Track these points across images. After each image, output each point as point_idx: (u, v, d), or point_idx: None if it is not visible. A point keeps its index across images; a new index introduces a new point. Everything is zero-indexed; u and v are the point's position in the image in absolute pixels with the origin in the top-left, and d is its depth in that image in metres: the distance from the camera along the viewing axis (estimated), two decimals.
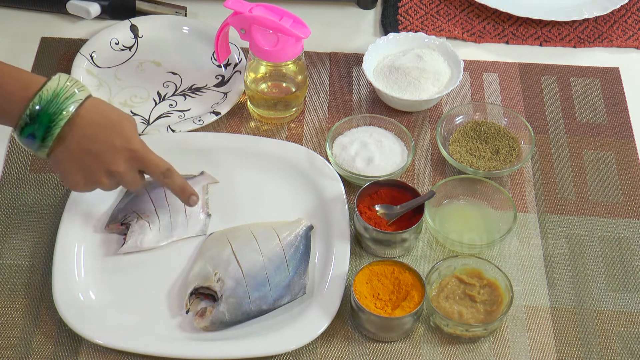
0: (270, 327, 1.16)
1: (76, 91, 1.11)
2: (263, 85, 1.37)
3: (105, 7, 1.49)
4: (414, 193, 1.25)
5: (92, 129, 1.12)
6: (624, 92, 1.45)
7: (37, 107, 1.09)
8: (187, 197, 1.20)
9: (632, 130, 1.41)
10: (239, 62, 1.44)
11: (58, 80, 1.11)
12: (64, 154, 1.12)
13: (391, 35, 1.45)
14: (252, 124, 1.39)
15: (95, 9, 1.48)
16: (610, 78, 1.47)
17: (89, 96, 1.13)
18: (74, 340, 1.16)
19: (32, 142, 1.11)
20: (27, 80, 1.11)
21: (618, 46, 1.52)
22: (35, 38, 1.48)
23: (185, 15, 1.50)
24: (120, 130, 1.14)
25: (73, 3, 1.49)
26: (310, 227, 1.24)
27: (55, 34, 1.49)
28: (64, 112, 1.10)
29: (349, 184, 1.30)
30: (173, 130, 1.35)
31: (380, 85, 1.39)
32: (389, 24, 1.53)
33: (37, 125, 1.09)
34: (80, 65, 1.42)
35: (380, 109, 1.41)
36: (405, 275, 1.17)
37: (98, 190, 1.27)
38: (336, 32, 1.53)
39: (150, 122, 1.37)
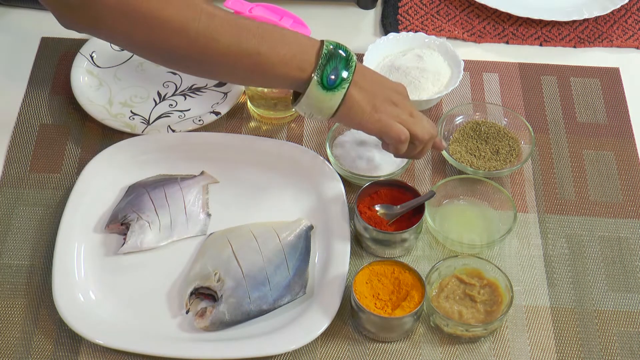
0: (270, 327, 1.16)
1: (348, 48, 1.19)
2: None
3: None
4: (414, 193, 1.25)
5: (371, 74, 1.20)
6: (624, 92, 1.45)
7: (331, 46, 1.16)
8: (440, 139, 1.27)
9: (632, 130, 1.41)
10: None
11: (333, 41, 1.18)
12: (357, 91, 1.17)
13: (391, 35, 1.45)
14: (252, 124, 1.39)
15: None
16: (610, 78, 1.47)
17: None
18: (74, 340, 1.16)
19: (335, 80, 1.15)
20: (308, 38, 1.18)
21: (618, 46, 1.52)
22: (35, 38, 1.48)
23: None
24: (386, 77, 1.23)
25: None
26: (310, 227, 1.24)
27: (55, 33, 1.49)
28: (351, 53, 1.18)
29: (349, 184, 1.30)
30: (173, 130, 1.35)
31: None
32: (389, 24, 1.53)
33: (338, 59, 1.15)
34: (80, 65, 1.42)
35: None
36: (406, 275, 1.17)
37: (98, 190, 1.27)
38: (336, 32, 1.52)
39: (151, 122, 1.37)
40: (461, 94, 1.44)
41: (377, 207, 1.24)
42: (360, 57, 1.42)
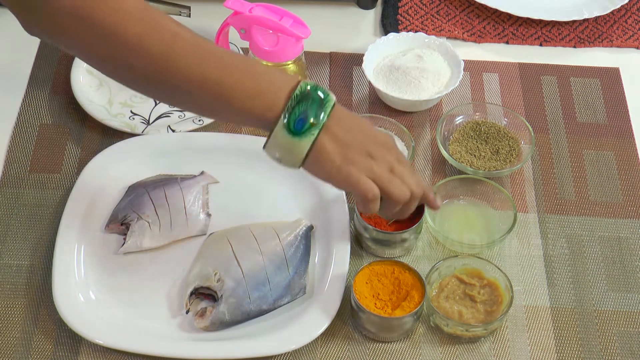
0: (270, 327, 1.16)
1: (327, 90, 1.08)
2: None
3: None
4: None
5: (350, 120, 1.08)
6: (624, 92, 1.45)
7: (307, 87, 1.05)
8: (434, 198, 1.15)
9: (632, 130, 1.41)
10: None
11: (307, 80, 1.09)
12: (328, 139, 1.05)
13: (391, 35, 1.45)
14: None
15: None
16: (610, 78, 1.47)
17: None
18: (74, 340, 1.16)
19: (302, 124, 1.04)
20: (282, 75, 1.09)
21: (618, 46, 1.52)
22: (35, 38, 1.48)
23: (189, 16, 1.50)
24: (370, 124, 1.11)
25: None
26: (310, 227, 1.24)
27: None
28: (330, 96, 1.07)
29: None
30: (173, 130, 1.35)
31: (380, 85, 1.40)
32: (389, 24, 1.53)
33: (309, 102, 1.04)
34: (81, 65, 1.42)
35: (380, 109, 1.41)
36: (406, 275, 1.17)
37: (98, 190, 1.27)
38: (336, 32, 1.53)
39: (150, 122, 1.37)
40: (461, 94, 1.44)
41: None
42: (360, 57, 1.42)
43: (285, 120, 1.04)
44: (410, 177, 1.10)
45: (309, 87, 1.05)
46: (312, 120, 1.04)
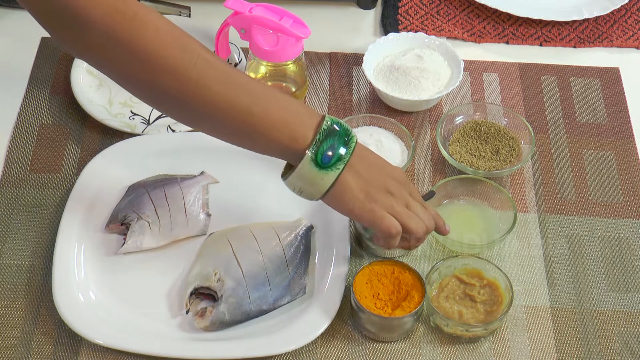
0: (270, 327, 1.16)
1: (349, 127, 1.12)
2: None
3: None
4: None
5: (370, 158, 1.14)
6: (624, 92, 1.45)
7: (333, 124, 1.09)
8: (443, 224, 1.19)
9: (632, 130, 1.41)
10: (239, 62, 1.44)
11: (334, 117, 1.12)
12: (352, 175, 1.10)
13: (391, 35, 1.45)
14: None
15: None
16: (610, 78, 1.47)
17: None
18: (74, 340, 1.16)
19: (329, 158, 1.08)
20: (308, 109, 1.12)
21: (618, 46, 1.52)
22: (35, 38, 1.48)
23: (189, 16, 1.50)
24: (386, 161, 1.16)
25: None
26: (310, 227, 1.24)
27: None
28: (353, 133, 1.11)
29: None
30: (173, 130, 1.35)
31: (380, 85, 1.40)
32: (389, 24, 1.53)
33: (337, 137, 1.09)
34: (81, 65, 1.42)
35: (380, 109, 1.41)
36: (406, 275, 1.17)
37: (98, 190, 1.27)
38: (336, 32, 1.53)
39: (150, 122, 1.37)
40: (461, 94, 1.44)
41: None
42: (360, 57, 1.42)
43: (313, 154, 1.08)
44: (424, 211, 1.15)
45: (333, 123, 1.09)
46: (341, 154, 1.09)
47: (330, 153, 1.08)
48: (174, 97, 1.07)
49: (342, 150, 1.09)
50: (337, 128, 1.09)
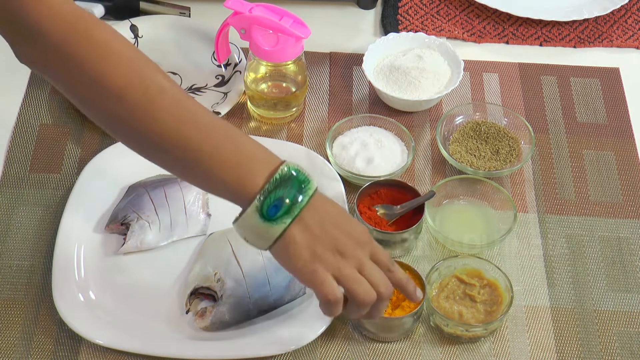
0: (270, 327, 1.16)
1: (310, 176, 1.04)
2: (263, 85, 1.37)
3: (109, 8, 1.49)
4: (414, 193, 1.25)
5: (327, 210, 1.03)
6: (624, 92, 1.45)
7: (289, 172, 1.01)
8: (414, 291, 1.08)
9: (632, 130, 1.41)
10: (239, 62, 1.44)
11: (292, 162, 1.04)
12: (300, 230, 1.01)
13: (391, 35, 1.45)
14: (252, 124, 1.39)
15: (99, 10, 1.48)
16: (610, 78, 1.47)
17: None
18: (74, 340, 1.16)
19: (276, 210, 0.99)
20: (265, 152, 1.04)
21: (618, 46, 1.52)
22: None
23: (190, 16, 1.50)
24: (348, 216, 1.07)
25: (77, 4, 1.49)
26: None
27: None
28: (311, 184, 1.02)
29: (349, 184, 1.30)
30: None
31: (380, 85, 1.40)
32: (389, 24, 1.53)
33: (289, 187, 1.00)
34: None
35: (380, 109, 1.41)
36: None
37: (98, 190, 1.27)
38: (336, 32, 1.53)
39: None
40: (461, 94, 1.44)
41: (377, 207, 1.24)
42: (360, 57, 1.42)
43: (259, 203, 1.00)
44: (380, 277, 1.04)
45: (292, 171, 1.01)
46: (289, 208, 1.00)
47: (277, 205, 0.99)
48: (121, 122, 1.02)
49: (294, 202, 1.00)
50: (293, 177, 1.01)
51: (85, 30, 1.01)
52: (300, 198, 1.01)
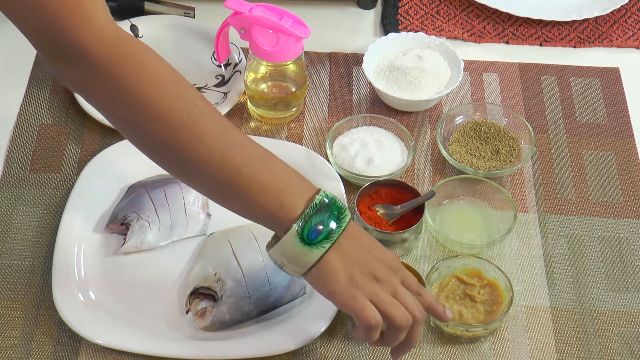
0: (270, 327, 1.16)
1: (345, 204, 1.07)
2: (263, 85, 1.37)
3: (113, 9, 1.49)
4: (414, 193, 1.25)
5: (361, 239, 1.06)
6: (624, 92, 1.45)
7: (326, 199, 1.03)
8: (444, 311, 1.09)
9: (632, 130, 1.41)
10: (239, 62, 1.44)
11: (330, 192, 1.06)
12: (337, 256, 1.03)
13: (391, 35, 1.45)
14: (252, 124, 1.39)
15: None
16: (610, 78, 1.47)
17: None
18: (74, 340, 1.16)
19: (316, 235, 1.01)
20: (303, 179, 1.06)
21: (618, 46, 1.52)
22: None
23: (194, 17, 1.50)
24: (379, 244, 1.09)
25: None
26: None
27: None
28: (347, 212, 1.04)
29: (349, 184, 1.30)
30: None
31: (380, 85, 1.40)
32: (389, 24, 1.53)
33: (328, 213, 1.02)
34: None
35: (380, 109, 1.41)
36: None
37: (98, 190, 1.27)
38: (336, 32, 1.53)
39: None
40: (461, 94, 1.44)
41: (377, 207, 1.24)
42: (360, 57, 1.42)
43: (299, 228, 1.01)
44: (413, 301, 1.06)
45: (327, 199, 1.03)
46: (329, 232, 1.02)
47: (318, 229, 1.01)
48: (165, 146, 1.03)
49: (332, 227, 1.02)
50: (331, 203, 1.03)
51: (133, 53, 1.01)
52: (337, 225, 1.03)
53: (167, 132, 1.01)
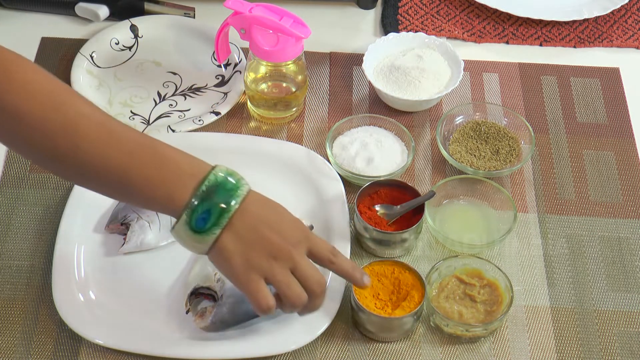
0: (270, 327, 1.16)
1: (241, 179, 1.06)
2: (263, 85, 1.37)
3: (113, 9, 1.49)
4: (414, 193, 1.25)
5: (258, 213, 1.05)
6: (624, 92, 1.45)
7: (215, 180, 1.03)
8: (361, 277, 1.11)
9: (632, 130, 1.41)
10: (239, 62, 1.44)
11: (222, 167, 1.06)
12: (231, 238, 1.03)
13: (391, 35, 1.45)
14: (252, 124, 1.39)
15: (103, 11, 1.48)
16: (610, 78, 1.47)
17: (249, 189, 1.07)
18: (74, 340, 1.16)
19: (204, 223, 1.02)
20: (192, 163, 1.06)
21: (618, 46, 1.52)
22: (35, 38, 1.48)
23: (194, 17, 1.50)
24: (284, 211, 1.08)
25: (81, 6, 1.49)
26: (311, 227, 1.24)
27: (55, 34, 1.49)
28: (240, 189, 1.04)
29: (349, 184, 1.30)
30: (173, 130, 1.35)
31: (380, 85, 1.40)
32: (389, 24, 1.53)
33: (216, 197, 1.02)
34: (80, 65, 1.42)
35: (380, 109, 1.41)
36: (406, 275, 1.17)
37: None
38: (336, 32, 1.53)
39: (150, 122, 1.37)
40: (461, 94, 1.44)
41: (377, 207, 1.24)
42: (360, 57, 1.42)
43: (187, 218, 1.02)
44: (313, 275, 1.06)
45: (220, 176, 1.03)
46: (217, 219, 1.02)
47: (205, 217, 1.02)
48: (48, 156, 1.02)
49: (221, 211, 1.02)
50: (222, 183, 1.03)
51: (3, 70, 1.00)
52: (228, 205, 1.02)
53: (47, 142, 1.01)
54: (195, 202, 1.02)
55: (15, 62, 1.02)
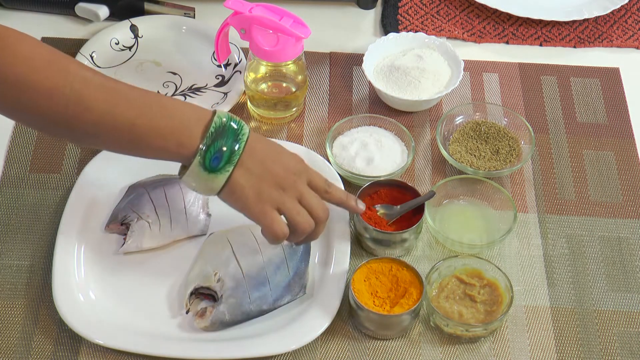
0: (270, 327, 1.16)
1: (241, 120, 1.12)
2: (263, 85, 1.37)
3: (113, 9, 1.49)
4: (414, 193, 1.25)
5: (263, 150, 1.12)
6: (624, 92, 1.45)
7: (222, 120, 1.09)
8: (355, 203, 1.18)
9: (632, 130, 1.41)
10: (239, 62, 1.44)
11: (222, 111, 1.11)
12: (242, 174, 1.10)
13: (391, 35, 1.45)
14: (252, 124, 1.39)
15: (104, 11, 1.48)
16: (610, 78, 1.47)
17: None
18: (74, 340, 1.16)
19: (217, 162, 1.08)
20: (195, 110, 1.11)
21: (618, 46, 1.52)
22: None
23: (194, 17, 1.50)
24: (282, 147, 1.15)
25: (82, 6, 1.49)
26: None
27: (55, 34, 1.49)
28: (244, 128, 1.10)
29: (349, 184, 1.30)
30: None
31: (380, 85, 1.40)
32: (389, 24, 1.53)
33: (225, 138, 1.08)
34: None
35: (380, 109, 1.41)
36: (403, 272, 1.17)
37: (98, 190, 1.27)
38: (336, 32, 1.53)
39: None
40: (461, 94, 1.44)
41: (377, 207, 1.24)
42: (360, 57, 1.42)
43: (201, 158, 1.08)
44: (317, 203, 1.14)
45: (224, 120, 1.09)
46: (229, 156, 1.08)
47: (217, 156, 1.08)
48: (57, 121, 1.06)
49: (233, 149, 1.09)
50: (227, 125, 1.09)
51: (5, 46, 1.03)
52: (237, 145, 1.09)
53: (55, 108, 1.05)
54: (207, 144, 1.08)
55: (15, 36, 1.05)
